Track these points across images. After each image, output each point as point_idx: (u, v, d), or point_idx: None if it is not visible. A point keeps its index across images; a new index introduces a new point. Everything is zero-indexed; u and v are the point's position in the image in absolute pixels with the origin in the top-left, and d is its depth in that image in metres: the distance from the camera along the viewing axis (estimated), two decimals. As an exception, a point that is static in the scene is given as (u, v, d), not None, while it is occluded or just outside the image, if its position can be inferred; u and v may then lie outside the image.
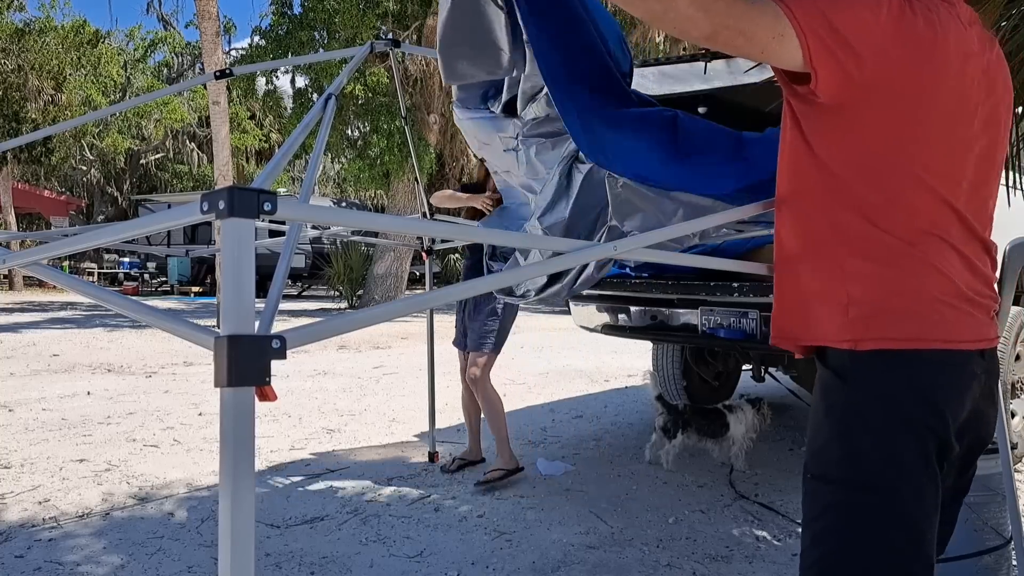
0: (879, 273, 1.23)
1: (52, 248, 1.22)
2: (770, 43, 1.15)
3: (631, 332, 4.26)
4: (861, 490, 1.21)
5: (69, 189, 28.38)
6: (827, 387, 1.29)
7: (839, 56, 1.14)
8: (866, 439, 1.21)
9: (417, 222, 3.59)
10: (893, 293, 1.22)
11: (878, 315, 1.22)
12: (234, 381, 0.87)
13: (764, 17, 1.13)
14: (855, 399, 1.23)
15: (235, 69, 1.96)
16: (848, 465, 1.23)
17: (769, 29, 1.13)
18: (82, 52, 21.87)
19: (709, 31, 1.14)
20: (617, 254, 1.40)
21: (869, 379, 1.22)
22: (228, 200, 0.88)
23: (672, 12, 1.14)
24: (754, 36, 1.15)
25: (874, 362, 1.22)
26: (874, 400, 1.22)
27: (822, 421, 1.28)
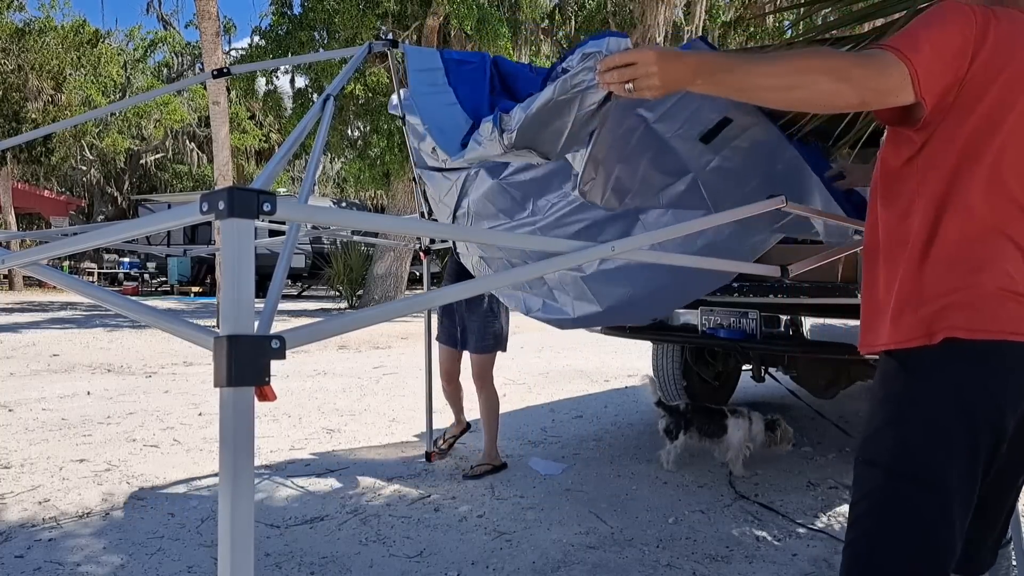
0: (950, 270, 1.29)
1: (52, 248, 1.22)
2: (901, 91, 1.24)
3: (631, 332, 4.27)
4: (905, 479, 1.26)
5: (69, 189, 28.38)
6: (887, 376, 1.34)
7: (940, 77, 1.25)
8: (919, 429, 1.26)
9: (416, 222, 3.59)
10: (962, 287, 1.28)
11: (949, 308, 1.27)
12: (234, 381, 0.87)
13: (889, 68, 1.23)
14: (914, 388, 1.29)
15: (233, 68, 1.96)
16: (898, 453, 1.28)
17: (898, 78, 1.23)
18: (82, 52, 21.87)
19: (857, 100, 1.24)
20: (615, 254, 1.40)
21: (931, 368, 1.27)
22: (228, 200, 0.88)
23: (818, 94, 1.23)
24: (890, 90, 1.24)
25: (939, 353, 1.27)
26: (933, 389, 1.27)
27: (878, 408, 1.34)
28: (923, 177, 1.33)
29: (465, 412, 4.35)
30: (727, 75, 1.24)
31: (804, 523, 3.23)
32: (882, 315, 1.37)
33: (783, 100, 1.25)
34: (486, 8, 12.67)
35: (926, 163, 1.32)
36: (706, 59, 1.29)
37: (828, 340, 3.45)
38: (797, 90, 1.23)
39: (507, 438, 4.68)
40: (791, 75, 1.23)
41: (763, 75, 1.23)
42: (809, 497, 3.57)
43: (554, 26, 17.40)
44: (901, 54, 1.22)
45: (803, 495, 3.60)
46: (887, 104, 1.26)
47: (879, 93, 1.24)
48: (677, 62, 1.27)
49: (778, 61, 1.24)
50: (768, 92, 1.25)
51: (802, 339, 3.54)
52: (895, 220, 1.37)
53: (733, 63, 1.26)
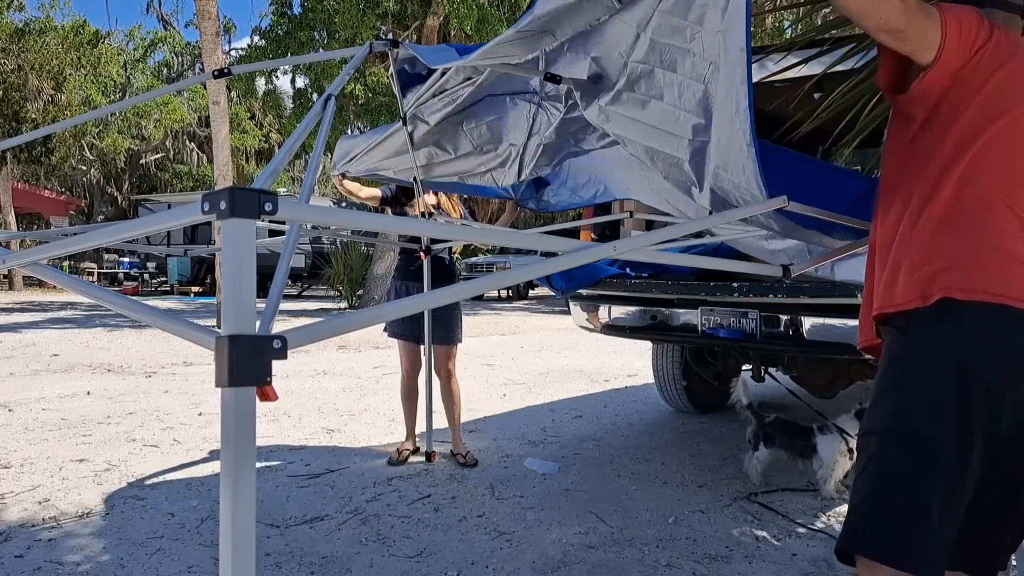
0: (948, 231, 1.30)
1: (52, 248, 1.22)
2: (931, 45, 1.31)
3: (631, 332, 4.27)
4: (895, 440, 1.26)
5: (69, 189, 28.39)
6: (887, 346, 1.35)
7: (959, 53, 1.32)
8: (914, 391, 1.27)
9: (416, 222, 3.59)
10: (961, 248, 1.29)
11: (946, 270, 1.28)
12: (235, 381, 0.87)
13: (934, 19, 1.30)
14: (911, 351, 1.29)
15: (233, 68, 1.96)
16: (892, 417, 1.28)
17: (935, 32, 1.30)
18: (82, 52, 21.88)
19: (905, 23, 1.28)
20: (616, 254, 1.40)
21: (927, 330, 1.28)
22: (229, 200, 0.88)
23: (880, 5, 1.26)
24: (926, 36, 1.30)
25: (934, 313, 1.27)
26: (928, 350, 1.27)
27: (879, 379, 1.34)
28: (926, 150, 1.36)
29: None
30: None
31: (804, 523, 3.23)
32: (888, 281, 1.38)
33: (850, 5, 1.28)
34: (486, 8, 12.67)
35: (930, 137, 1.36)
36: None
37: (828, 340, 3.45)
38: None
39: (507, 438, 4.68)
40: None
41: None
42: (809, 497, 3.57)
43: (554, 26, 17.34)
44: (940, 12, 1.29)
45: (803, 495, 3.60)
46: (913, 50, 1.31)
47: (920, 31, 1.29)
48: None
49: None
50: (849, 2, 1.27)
51: (802, 339, 3.54)
52: (899, 190, 1.40)
53: None
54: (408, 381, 4.23)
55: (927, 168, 1.35)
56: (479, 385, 6.62)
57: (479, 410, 5.52)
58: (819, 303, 3.44)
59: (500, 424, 5.08)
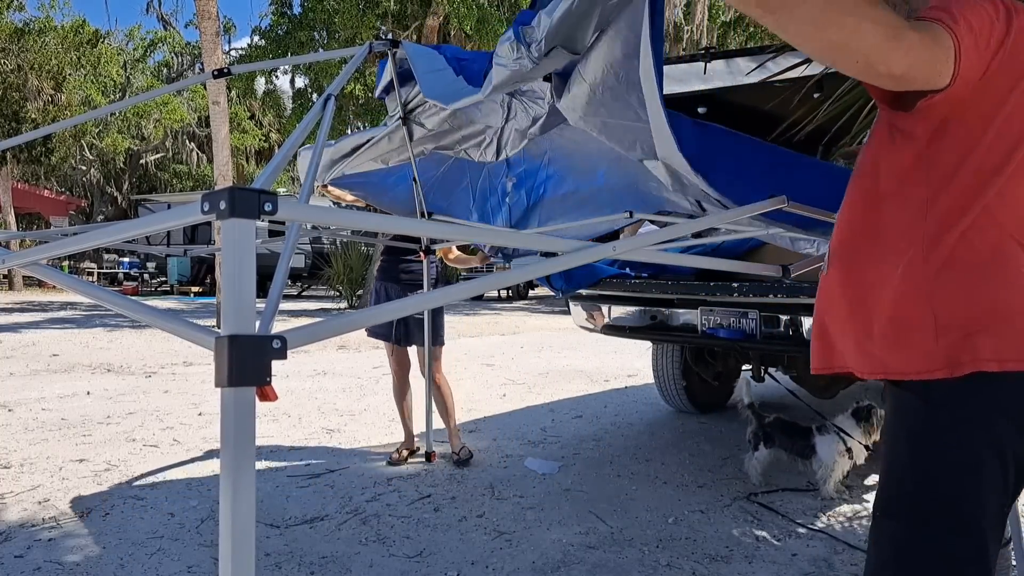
0: (969, 286, 1.13)
1: (51, 248, 1.22)
2: (943, 70, 1.07)
3: (631, 332, 4.27)
4: (936, 524, 1.12)
5: (69, 189, 28.39)
6: (903, 411, 1.19)
7: (976, 61, 1.09)
8: (947, 468, 1.13)
9: (415, 222, 3.59)
10: (987, 309, 1.13)
11: (973, 335, 1.12)
12: (234, 381, 0.87)
13: (941, 39, 1.05)
14: (939, 424, 1.14)
15: (233, 68, 1.96)
16: (924, 497, 1.14)
17: (946, 53, 1.06)
18: (82, 52, 21.89)
19: (901, 68, 1.03)
20: (616, 254, 1.40)
21: (957, 403, 1.13)
22: (229, 200, 0.88)
23: (857, 43, 0.99)
24: (937, 64, 1.06)
25: (965, 386, 1.13)
26: (961, 425, 1.13)
27: (896, 448, 1.18)
28: (937, 177, 1.15)
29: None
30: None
31: (804, 523, 3.23)
32: (877, 330, 1.20)
33: (811, 38, 1.02)
34: (486, 8, 12.68)
35: (942, 162, 1.15)
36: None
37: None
38: (832, 29, 0.99)
39: (507, 438, 4.68)
40: (830, 8, 0.98)
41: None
42: (809, 497, 3.57)
43: (554, 26, 17.35)
44: (946, 26, 1.04)
45: (803, 495, 3.60)
46: (926, 83, 1.07)
47: (927, 65, 1.04)
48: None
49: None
50: (798, 24, 1.00)
51: (802, 339, 3.54)
52: (895, 220, 1.19)
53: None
54: (398, 382, 4.23)
55: (938, 200, 1.14)
56: (479, 385, 6.62)
57: (479, 410, 5.52)
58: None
59: (500, 424, 5.08)
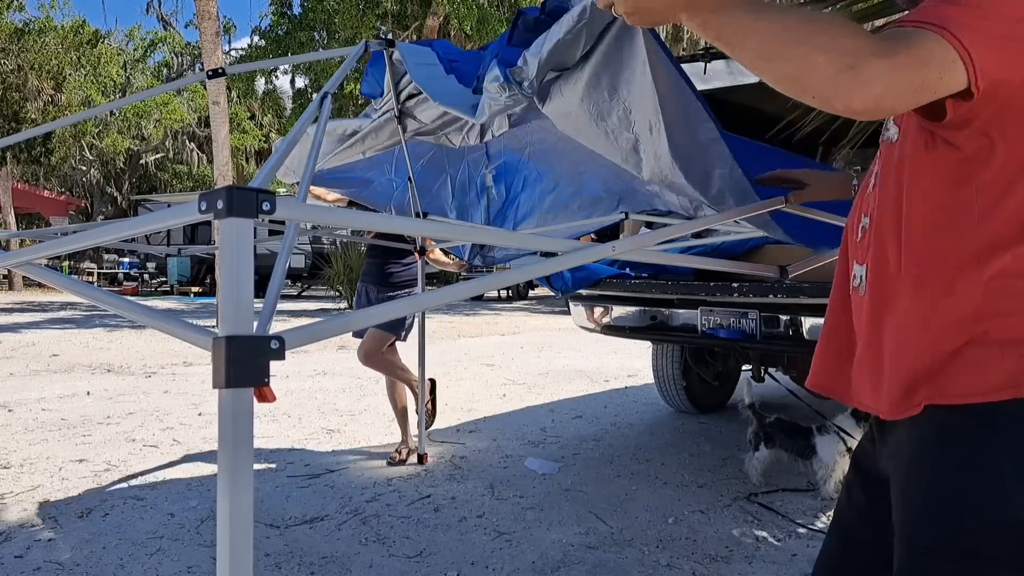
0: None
1: (47, 247, 1.22)
2: (940, 85, 0.91)
3: (631, 332, 4.27)
4: (1007, 555, 0.98)
5: (69, 189, 28.41)
6: (956, 436, 1.02)
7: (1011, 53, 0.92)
8: (1019, 493, 0.98)
9: (413, 222, 3.58)
10: None
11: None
12: (232, 382, 0.87)
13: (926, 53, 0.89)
14: (1008, 451, 0.99)
15: (229, 68, 1.95)
16: (1002, 536, 0.98)
17: (937, 68, 0.89)
18: (82, 52, 21.91)
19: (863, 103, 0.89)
20: (615, 254, 1.40)
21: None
22: (227, 200, 0.88)
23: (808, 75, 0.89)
24: (925, 86, 0.90)
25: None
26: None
27: (949, 479, 1.02)
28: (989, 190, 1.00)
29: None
30: (712, 16, 0.94)
31: (804, 523, 3.23)
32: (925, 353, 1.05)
33: (764, 71, 0.93)
34: (486, 8, 12.68)
35: (993, 173, 1.00)
36: None
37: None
38: (780, 63, 0.91)
39: (507, 438, 4.67)
40: (778, 40, 0.90)
41: (750, 30, 0.92)
42: (809, 497, 3.57)
43: (554, 26, 17.37)
44: (940, 30, 0.89)
45: (803, 495, 3.60)
46: (913, 106, 0.93)
47: (906, 92, 0.89)
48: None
49: (777, 17, 0.91)
50: (751, 57, 0.93)
51: (802, 339, 3.53)
52: (940, 231, 1.04)
53: (722, 2, 0.94)
54: (388, 381, 4.23)
55: (991, 215, 1.00)
56: (479, 385, 6.61)
57: (479, 410, 5.52)
58: (819, 303, 3.44)
59: (500, 424, 5.08)
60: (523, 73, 1.78)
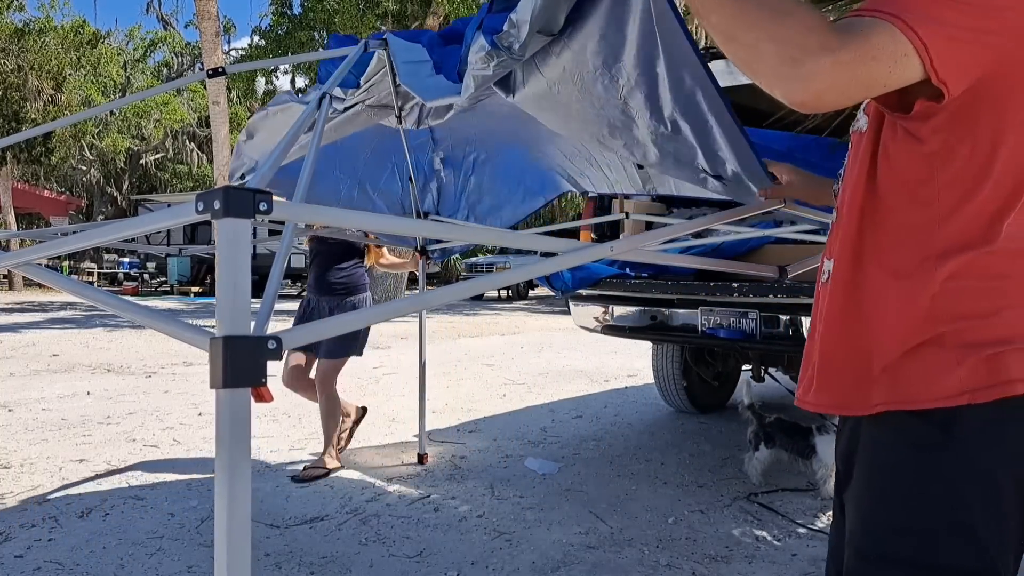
0: (997, 298, 0.96)
1: (46, 248, 1.22)
2: (892, 77, 0.87)
3: (631, 332, 4.26)
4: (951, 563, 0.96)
5: (69, 189, 28.42)
6: (915, 445, 0.98)
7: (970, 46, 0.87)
8: (974, 510, 0.95)
9: (412, 222, 3.58)
10: (1013, 324, 0.96)
11: (1002, 355, 0.95)
12: (229, 382, 0.87)
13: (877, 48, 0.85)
14: (960, 458, 0.96)
15: (228, 67, 1.95)
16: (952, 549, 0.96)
17: (887, 63, 0.85)
18: (82, 52, 21.93)
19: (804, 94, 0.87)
20: (614, 254, 1.40)
21: (983, 434, 0.96)
22: (224, 200, 0.88)
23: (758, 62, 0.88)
24: (873, 81, 0.87)
25: (992, 413, 0.95)
26: (985, 459, 0.96)
27: (902, 488, 0.99)
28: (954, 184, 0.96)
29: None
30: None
31: (804, 523, 3.23)
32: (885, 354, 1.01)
33: (724, 48, 0.92)
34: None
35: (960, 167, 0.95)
36: None
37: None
38: (734, 46, 0.90)
39: (507, 438, 4.67)
40: (734, 21, 0.89)
41: (715, 3, 0.90)
42: (809, 497, 3.56)
43: (554, 26, 17.38)
44: (895, 19, 0.85)
45: (803, 495, 3.60)
46: (862, 98, 0.91)
47: (853, 86, 0.86)
48: None
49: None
50: (714, 33, 0.91)
51: (802, 339, 3.53)
52: (901, 229, 1.00)
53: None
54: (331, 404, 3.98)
55: (958, 211, 0.96)
56: (479, 385, 6.61)
57: (479, 410, 5.52)
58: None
59: (500, 424, 5.08)
60: (511, 37, 1.68)
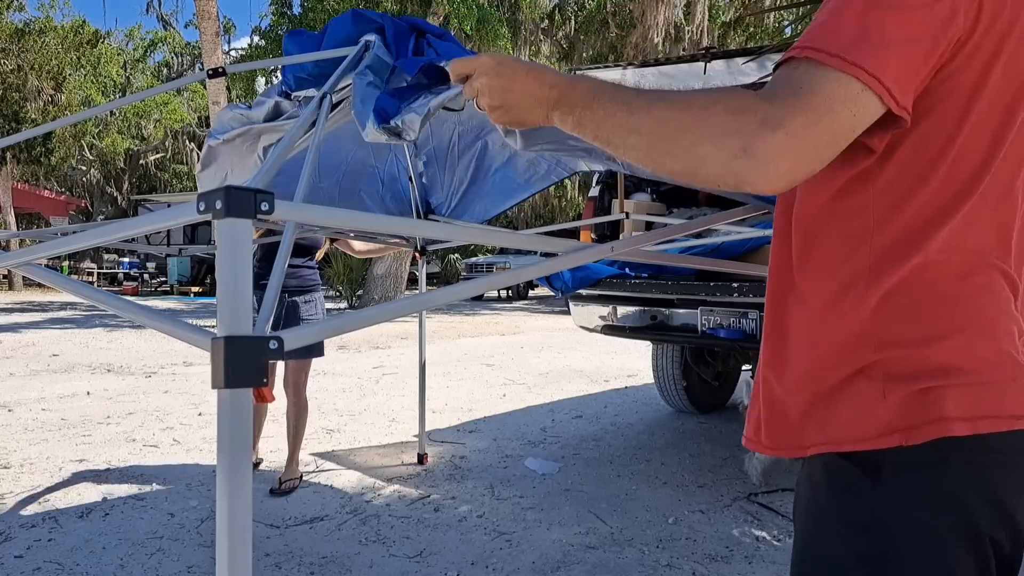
0: (932, 326, 0.84)
1: (48, 248, 1.22)
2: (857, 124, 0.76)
3: (631, 332, 4.27)
4: None
5: (69, 189, 28.42)
6: (844, 491, 0.88)
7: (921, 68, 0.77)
8: (912, 560, 0.84)
9: (412, 222, 3.58)
10: (955, 354, 0.84)
11: (936, 390, 0.83)
12: (231, 383, 0.86)
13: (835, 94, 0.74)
14: (895, 507, 0.84)
15: (228, 67, 1.94)
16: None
17: (844, 119, 0.75)
18: (82, 52, 21.93)
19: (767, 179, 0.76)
20: (614, 254, 1.40)
21: (918, 479, 0.84)
22: (225, 200, 0.87)
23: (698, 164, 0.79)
24: (836, 137, 0.76)
25: (928, 455, 0.83)
26: (922, 507, 0.84)
27: (832, 540, 0.89)
28: (887, 196, 0.86)
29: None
30: (586, 113, 0.85)
31: (804, 523, 3.23)
32: (807, 386, 0.91)
33: (656, 166, 0.84)
34: (486, 8, 12.68)
35: (894, 177, 0.85)
36: (572, 85, 0.87)
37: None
38: (668, 160, 0.81)
39: (507, 438, 4.67)
40: (657, 137, 0.80)
41: (628, 125, 0.82)
42: (809, 497, 3.57)
43: (554, 26, 17.41)
44: (838, 60, 0.74)
45: (803, 495, 3.60)
46: (836, 154, 0.78)
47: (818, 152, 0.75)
48: (527, 78, 0.89)
49: (654, 106, 0.81)
50: (634, 152, 0.83)
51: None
52: (828, 247, 0.90)
53: (595, 95, 0.85)
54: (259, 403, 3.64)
55: (888, 223, 0.85)
56: (479, 385, 6.61)
57: (479, 410, 5.52)
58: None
59: (500, 424, 5.08)
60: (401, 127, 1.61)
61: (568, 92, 0.87)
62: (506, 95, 0.91)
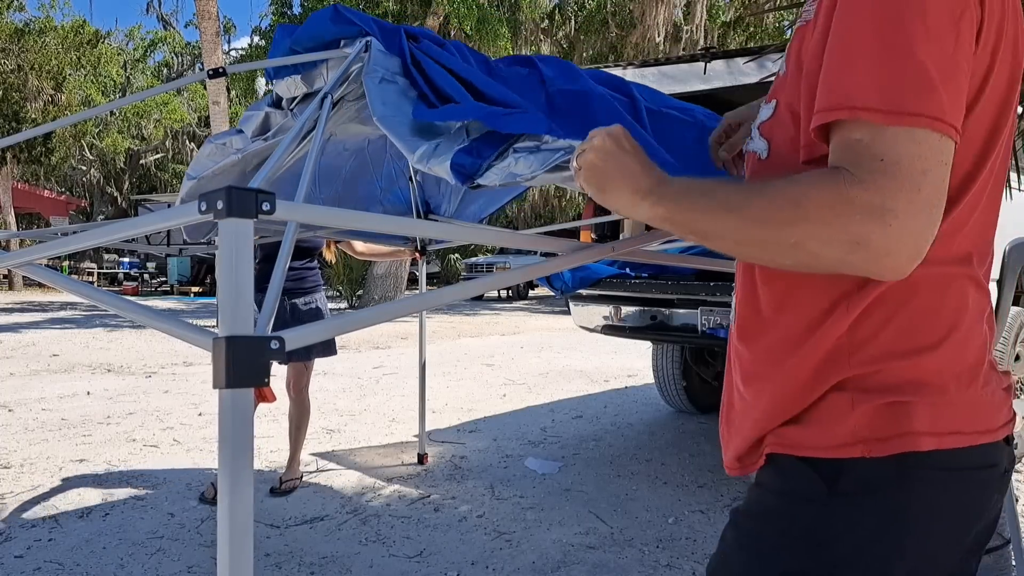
0: (902, 337, 0.82)
1: (48, 248, 1.22)
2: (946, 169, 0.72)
3: (631, 332, 4.27)
4: None
5: (69, 189, 28.42)
6: (800, 499, 0.85)
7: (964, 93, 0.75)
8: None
9: (411, 221, 3.58)
10: (924, 367, 0.82)
11: (904, 403, 0.81)
12: (232, 382, 0.87)
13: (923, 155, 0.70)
14: (849, 519, 0.82)
15: (228, 68, 1.94)
16: None
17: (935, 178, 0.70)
18: (82, 52, 21.94)
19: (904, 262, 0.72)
20: (615, 254, 1.40)
21: (879, 494, 0.81)
22: (226, 200, 0.87)
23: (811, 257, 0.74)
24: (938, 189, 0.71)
25: (892, 470, 0.81)
26: (877, 522, 0.81)
27: (782, 551, 0.85)
28: None
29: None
30: (674, 206, 0.82)
31: (804, 523, 3.23)
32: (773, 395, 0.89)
33: (760, 259, 0.83)
34: (486, 8, 12.68)
35: None
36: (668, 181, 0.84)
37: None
38: (777, 257, 0.78)
39: (507, 438, 4.68)
40: (764, 224, 0.75)
41: (725, 219, 0.78)
42: (809, 497, 3.57)
43: (554, 26, 17.40)
44: (910, 118, 0.70)
45: (803, 495, 3.60)
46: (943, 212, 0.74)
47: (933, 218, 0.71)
48: (630, 160, 0.86)
49: (754, 198, 0.77)
50: (738, 246, 0.80)
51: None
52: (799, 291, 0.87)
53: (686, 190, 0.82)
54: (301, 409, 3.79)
55: None
56: (479, 385, 6.61)
57: (479, 410, 5.52)
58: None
59: (500, 424, 5.08)
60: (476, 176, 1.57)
61: (662, 184, 0.84)
62: (604, 181, 0.88)
